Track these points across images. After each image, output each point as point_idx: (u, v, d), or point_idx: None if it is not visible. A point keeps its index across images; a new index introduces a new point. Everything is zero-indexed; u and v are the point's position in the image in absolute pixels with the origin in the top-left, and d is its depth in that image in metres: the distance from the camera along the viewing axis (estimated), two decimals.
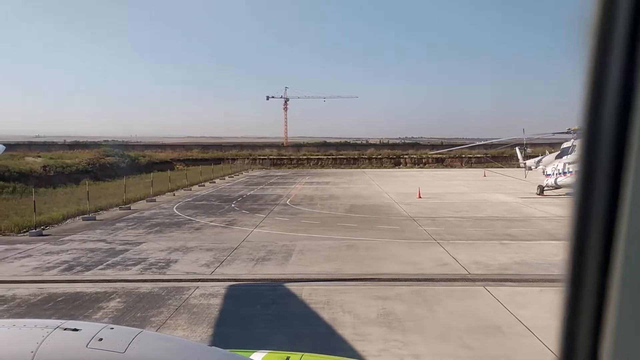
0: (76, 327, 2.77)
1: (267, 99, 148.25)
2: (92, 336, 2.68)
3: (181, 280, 12.31)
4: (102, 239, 17.88)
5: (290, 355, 4.36)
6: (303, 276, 12.49)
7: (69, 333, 2.71)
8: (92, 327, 2.85)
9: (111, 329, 2.84)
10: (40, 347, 2.53)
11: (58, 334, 2.67)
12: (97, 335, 2.69)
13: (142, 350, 2.67)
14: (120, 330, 2.90)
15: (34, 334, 2.65)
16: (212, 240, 17.57)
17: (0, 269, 13.70)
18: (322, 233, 18.61)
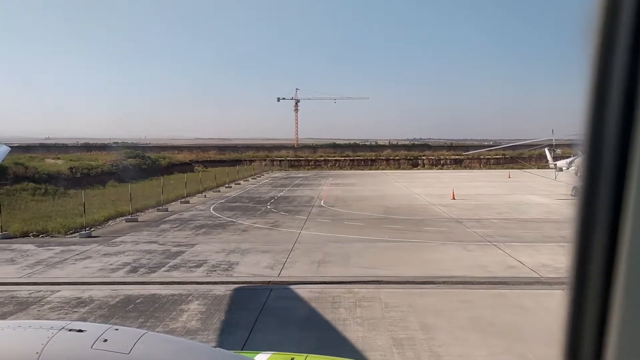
0: (81, 328, 2.77)
1: (278, 101, 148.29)
2: (97, 337, 2.68)
3: (252, 282, 12.23)
4: (153, 241, 17.89)
5: (295, 357, 4.31)
6: (372, 278, 12.37)
7: (74, 334, 2.71)
8: (96, 328, 2.85)
9: (116, 330, 2.84)
10: (46, 348, 2.54)
11: (63, 335, 2.67)
12: (102, 336, 2.69)
13: (147, 351, 2.67)
14: (124, 331, 2.90)
15: (40, 335, 2.66)
16: (263, 241, 17.51)
17: (66, 270, 13.72)
18: (371, 235, 18.48)
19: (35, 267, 14.07)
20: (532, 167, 73.02)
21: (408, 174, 62.36)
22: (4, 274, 13.34)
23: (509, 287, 11.51)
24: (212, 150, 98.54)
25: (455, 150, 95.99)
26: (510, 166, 79.56)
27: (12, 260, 14.96)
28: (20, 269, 13.91)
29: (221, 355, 3.17)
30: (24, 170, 39.75)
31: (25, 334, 2.73)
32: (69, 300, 10.92)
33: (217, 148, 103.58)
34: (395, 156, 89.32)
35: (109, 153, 69.78)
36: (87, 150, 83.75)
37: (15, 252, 16.24)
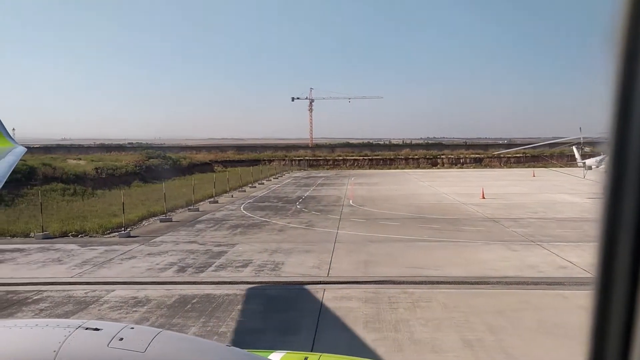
0: (97, 327, 2.78)
1: (292, 100, 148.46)
2: (113, 336, 2.69)
3: (303, 282, 12.20)
4: (192, 241, 17.97)
5: (309, 356, 4.29)
6: (423, 278, 12.27)
7: (91, 333, 2.72)
8: (112, 326, 2.85)
9: (131, 328, 2.83)
10: (63, 347, 2.55)
11: (80, 334, 2.68)
12: (117, 335, 2.69)
13: (162, 350, 2.67)
14: (140, 330, 2.90)
15: (56, 334, 2.67)
16: (302, 241, 17.49)
17: (114, 270, 13.83)
18: (409, 234, 18.37)
19: (83, 266, 14.20)
20: (557, 165, 72.06)
21: (430, 173, 62.00)
22: (55, 273, 13.48)
23: (567, 288, 11.32)
24: (230, 150, 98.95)
25: (474, 149, 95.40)
26: (532, 165, 78.70)
27: (59, 260, 15.12)
28: (70, 268, 14.05)
29: (235, 354, 3.17)
30: (52, 170, 40.27)
31: (43, 332, 2.75)
32: (126, 300, 10.99)
33: (235, 148, 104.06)
34: (414, 155, 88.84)
35: (128, 153, 70.51)
36: (106, 151, 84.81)
37: (60, 252, 16.42)
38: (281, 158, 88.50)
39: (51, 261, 15.04)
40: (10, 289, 12.00)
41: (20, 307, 10.64)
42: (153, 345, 2.67)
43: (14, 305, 10.71)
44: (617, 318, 0.95)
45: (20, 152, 9.07)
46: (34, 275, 13.36)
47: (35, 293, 11.62)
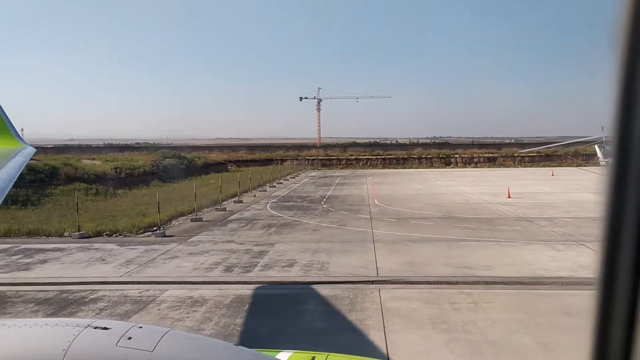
0: (106, 326, 2.79)
1: (301, 100, 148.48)
2: (121, 335, 2.70)
3: (355, 282, 12.12)
4: (229, 240, 17.93)
5: (316, 355, 4.28)
6: (476, 279, 12.15)
7: (99, 332, 2.73)
8: (121, 326, 2.87)
9: (140, 327, 2.84)
10: (72, 346, 2.57)
11: (89, 333, 2.70)
12: (126, 334, 2.71)
13: (171, 349, 2.69)
14: (148, 329, 2.90)
15: (66, 333, 2.69)
16: (340, 240, 17.40)
17: (161, 269, 13.81)
18: (447, 234, 18.24)
19: (128, 266, 14.19)
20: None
21: (446, 173, 61.72)
22: (104, 273, 13.48)
23: None
24: (242, 150, 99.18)
25: (487, 149, 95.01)
26: (547, 164, 78.30)
27: (102, 260, 15.13)
28: (116, 268, 14.05)
29: (243, 353, 3.17)
30: (73, 171, 40.45)
31: (52, 331, 2.77)
32: (183, 300, 10.95)
33: (246, 148, 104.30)
34: (427, 155, 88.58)
35: (142, 153, 70.80)
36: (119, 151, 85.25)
37: (101, 251, 16.44)
38: (294, 157, 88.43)
39: (95, 260, 15.05)
40: (64, 288, 12.00)
41: (79, 306, 10.63)
42: (161, 344, 2.68)
43: (72, 305, 10.70)
44: (620, 316, 0.95)
45: (29, 152, 9.12)
46: (82, 274, 13.37)
47: (90, 292, 11.61)
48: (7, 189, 6.64)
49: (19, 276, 13.28)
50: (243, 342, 8.16)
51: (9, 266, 14.47)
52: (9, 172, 7.27)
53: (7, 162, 7.87)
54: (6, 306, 10.72)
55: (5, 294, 11.59)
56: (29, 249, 16.86)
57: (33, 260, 15.21)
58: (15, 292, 11.76)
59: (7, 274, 13.59)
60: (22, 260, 15.16)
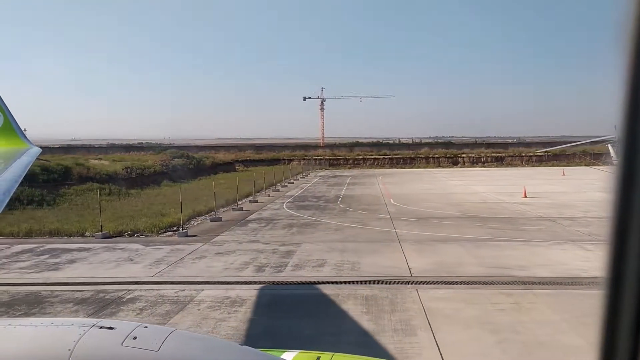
0: (111, 326, 2.79)
1: (304, 100, 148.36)
2: (127, 334, 2.70)
3: (390, 282, 12.05)
4: (253, 240, 17.87)
5: (321, 355, 4.28)
6: (512, 279, 12.06)
7: (105, 331, 2.73)
8: (126, 325, 2.86)
9: (145, 327, 2.84)
10: (78, 345, 2.58)
11: (94, 332, 2.70)
12: (131, 334, 2.71)
13: (176, 348, 2.69)
14: (154, 329, 2.91)
15: (71, 332, 2.69)
16: (365, 240, 17.33)
17: (192, 269, 13.76)
18: (472, 234, 18.15)
19: (158, 266, 14.15)
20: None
21: (456, 172, 61.60)
22: (135, 272, 13.44)
23: None
24: (249, 150, 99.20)
25: (494, 148, 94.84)
26: (555, 164, 78.11)
27: (131, 259, 15.10)
28: (146, 268, 14.01)
29: (248, 353, 3.17)
30: (86, 170, 40.51)
31: (58, 331, 2.77)
32: (220, 300, 10.89)
33: (253, 147, 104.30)
34: (435, 154, 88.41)
35: (148, 153, 70.88)
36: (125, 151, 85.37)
37: (127, 251, 16.41)
38: (301, 157, 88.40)
39: (123, 260, 15.01)
40: (98, 288, 11.97)
41: (118, 306, 10.58)
42: (166, 344, 2.69)
43: (110, 305, 10.66)
44: (628, 317, 0.94)
45: (35, 152, 9.16)
46: (113, 274, 13.33)
47: (126, 292, 11.57)
48: (13, 188, 6.66)
49: (51, 276, 13.26)
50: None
51: (38, 266, 14.45)
52: (14, 172, 7.31)
53: (13, 162, 7.91)
54: (44, 306, 10.68)
55: (41, 294, 11.56)
56: (54, 249, 16.84)
57: (61, 260, 15.19)
58: (50, 292, 11.72)
59: (38, 273, 13.56)
60: (50, 260, 15.14)
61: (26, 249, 16.88)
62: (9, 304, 10.90)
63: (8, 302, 11.04)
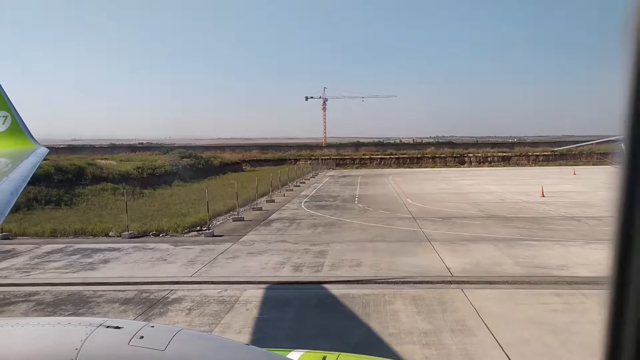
0: (118, 325, 2.80)
1: (306, 100, 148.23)
2: (133, 334, 2.71)
3: (433, 282, 11.98)
4: (282, 240, 17.80)
5: (327, 355, 4.30)
6: (557, 279, 12.00)
7: (112, 331, 2.75)
8: (133, 325, 2.88)
9: (152, 327, 2.86)
10: (85, 344, 2.59)
11: (101, 332, 2.72)
12: (138, 333, 2.72)
13: (182, 348, 2.70)
14: (160, 328, 2.93)
15: (79, 332, 2.71)
16: (394, 239, 17.27)
17: (228, 269, 13.70)
18: (499, 233, 18.10)
19: (193, 266, 14.10)
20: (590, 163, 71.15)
21: (465, 172, 61.59)
22: (172, 272, 13.39)
23: None
24: (255, 150, 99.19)
25: (499, 147, 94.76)
26: (562, 163, 78.09)
27: (164, 259, 15.05)
28: (182, 267, 13.96)
29: (254, 352, 3.18)
30: (99, 171, 40.50)
31: (65, 330, 2.79)
32: (268, 300, 10.84)
33: (259, 147, 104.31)
34: (441, 154, 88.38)
35: (154, 153, 70.88)
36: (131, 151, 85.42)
37: (157, 251, 16.36)
38: (307, 157, 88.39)
39: (156, 260, 14.96)
40: (140, 287, 11.91)
41: (165, 306, 10.52)
42: (173, 343, 2.69)
43: (157, 305, 10.60)
44: (633, 317, 0.94)
45: (42, 152, 9.21)
46: (151, 274, 13.29)
47: (169, 292, 11.52)
48: (21, 188, 6.66)
49: (89, 276, 13.21)
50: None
51: (73, 266, 14.41)
52: (22, 172, 7.33)
53: (21, 162, 7.93)
54: (91, 306, 10.63)
55: (84, 294, 11.51)
56: (84, 249, 16.80)
57: (94, 260, 15.14)
58: (93, 292, 11.68)
59: (74, 273, 13.52)
60: (83, 260, 15.09)
61: (56, 249, 16.83)
62: (54, 303, 10.85)
63: (53, 302, 10.99)
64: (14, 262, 15.06)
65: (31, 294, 11.56)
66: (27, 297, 11.37)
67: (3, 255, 16.02)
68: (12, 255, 16.02)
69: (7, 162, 8.32)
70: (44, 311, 10.32)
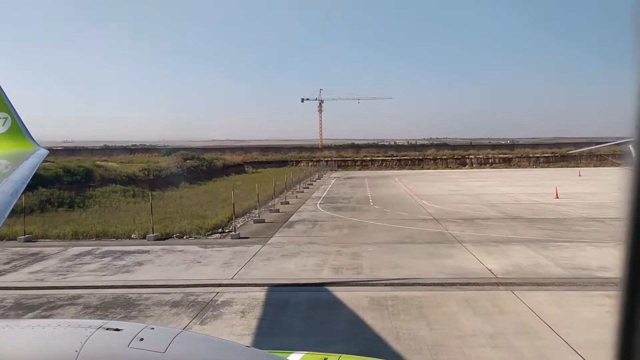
0: (118, 327, 2.80)
1: (302, 101, 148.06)
2: (133, 336, 2.71)
3: (479, 284, 11.91)
4: (310, 242, 17.66)
5: (328, 357, 4.30)
6: (604, 280, 11.95)
7: (111, 333, 2.74)
8: (133, 327, 2.86)
9: (152, 329, 2.85)
10: (84, 346, 2.59)
11: (101, 334, 2.72)
12: (138, 335, 2.71)
13: (182, 350, 2.69)
14: (160, 330, 2.92)
15: (78, 334, 2.70)
16: (422, 240, 17.20)
17: (267, 270, 13.53)
18: (525, 235, 18.08)
19: (230, 268, 13.96)
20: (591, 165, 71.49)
21: (469, 173, 61.73)
22: (211, 274, 13.24)
23: None
24: (255, 152, 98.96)
25: (500, 149, 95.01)
26: (564, 164, 78.46)
27: (198, 262, 14.90)
28: (219, 269, 13.83)
29: (255, 354, 3.18)
30: (107, 172, 40.26)
31: (65, 332, 2.78)
32: (320, 301, 10.73)
33: (259, 149, 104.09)
34: (442, 155, 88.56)
35: (153, 155, 70.59)
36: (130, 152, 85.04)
37: (188, 253, 16.20)
38: (308, 159, 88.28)
39: (191, 262, 14.81)
40: (186, 290, 11.77)
41: (217, 309, 10.38)
42: (173, 345, 2.68)
43: (208, 308, 10.45)
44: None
45: (42, 154, 9.20)
46: (189, 276, 13.14)
47: (215, 295, 11.38)
48: (21, 189, 6.61)
49: (127, 278, 13.05)
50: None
51: (108, 268, 14.23)
52: (22, 174, 7.29)
53: (21, 163, 7.89)
54: (141, 309, 10.47)
55: (129, 297, 11.35)
56: (112, 251, 16.63)
57: (127, 262, 14.97)
58: (137, 294, 11.52)
59: (112, 276, 13.35)
60: (116, 263, 14.92)
61: (84, 251, 16.65)
62: (102, 306, 10.69)
63: (100, 305, 10.83)
64: (45, 264, 14.87)
65: (75, 297, 11.39)
66: (71, 300, 11.20)
67: (32, 257, 15.82)
68: (42, 257, 15.82)
69: (7, 163, 8.26)
70: (95, 314, 10.17)
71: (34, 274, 13.70)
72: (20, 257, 15.98)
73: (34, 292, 11.85)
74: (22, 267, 14.55)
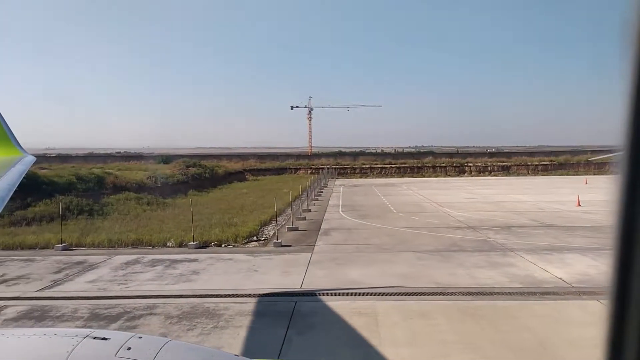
0: (105, 336, 2.77)
1: (292, 109, 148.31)
2: (120, 345, 2.68)
3: (559, 293, 11.74)
4: (356, 250, 17.37)
5: None
6: None
7: (98, 342, 2.71)
8: (120, 336, 2.84)
9: (139, 338, 2.82)
10: (71, 356, 2.55)
11: (88, 343, 2.68)
12: (125, 344, 2.69)
13: (170, 359, 2.65)
14: (148, 339, 2.89)
15: (65, 343, 2.66)
16: (471, 248, 17.03)
17: (333, 279, 13.26)
18: (573, 243, 18.02)
19: (290, 276, 13.65)
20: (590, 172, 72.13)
21: (472, 181, 62.03)
22: (276, 283, 12.90)
23: None
24: (251, 159, 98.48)
25: (498, 157, 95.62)
26: (563, 172, 79.11)
27: (255, 270, 14.56)
28: (280, 277, 13.52)
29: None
30: (118, 180, 39.73)
31: (51, 341, 2.74)
32: (410, 310, 10.47)
33: (256, 156, 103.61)
34: (441, 163, 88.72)
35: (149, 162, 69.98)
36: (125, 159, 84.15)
37: (238, 262, 15.83)
38: (306, 167, 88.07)
39: (246, 271, 14.46)
40: (264, 300, 11.44)
41: (304, 319, 10.06)
42: (161, 354, 2.65)
43: (296, 317, 10.14)
44: (634, 326, 0.93)
45: (29, 161, 9.05)
46: (254, 285, 12.79)
47: (293, 303, 11.04)
48: (7, 197, 6.45)
49: (192, 287, 12.67)
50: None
51: (164, 277, 13.82)
52: (9, 181, 7.13)
53: (7, 170, 7.71)
54: (227, 319, 10.11)
55: (206, 306, 10.98)
56: (160, 260, 16.22)
57: (181, 271, 14.57)
58: (214, 304, 11.15)
59: (175, 285, 12.96)
60: (170, 271, 14.52)
61: (130, 260, 16.21)
62: (185, 316, 10.30)
63: (181, 314, 10.45)
64: (99, 273, 14.43)
65: (150, 307, 11.00)
66: (149, 309, 10.81)
67: (81, 266, 15.36)
68: (90, 267, 15.35)
69: None
70: (181, 324, 9.80)
71: (92, 283, 13.26)
72: (67, 265, 15.50)
73: (104, 302, 11.44)
74: (75, 276, 14.09)
